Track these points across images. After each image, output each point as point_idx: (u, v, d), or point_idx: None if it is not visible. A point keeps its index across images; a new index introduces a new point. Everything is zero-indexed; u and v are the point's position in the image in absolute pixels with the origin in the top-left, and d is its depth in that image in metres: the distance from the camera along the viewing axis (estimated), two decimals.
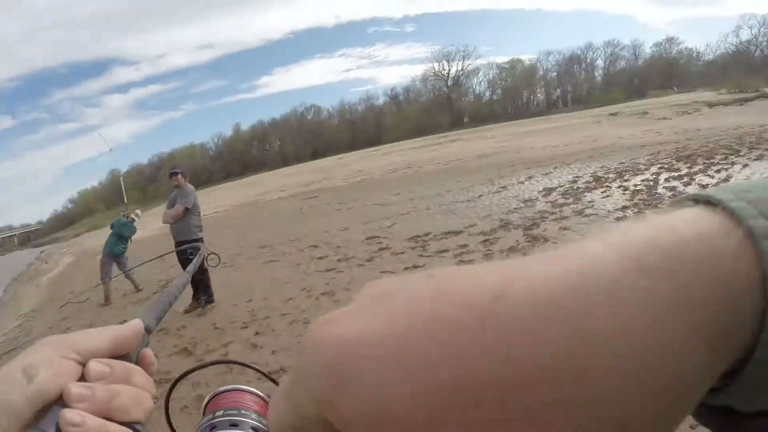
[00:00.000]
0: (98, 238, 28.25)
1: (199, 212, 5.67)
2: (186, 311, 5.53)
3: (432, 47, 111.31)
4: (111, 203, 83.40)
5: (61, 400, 0.29)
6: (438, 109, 75.92)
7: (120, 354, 0.35)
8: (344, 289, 4.97)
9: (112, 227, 7.98)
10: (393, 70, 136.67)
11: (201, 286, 5.49)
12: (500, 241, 5.41)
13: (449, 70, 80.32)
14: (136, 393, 0.33)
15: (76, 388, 0.30)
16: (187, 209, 5.41)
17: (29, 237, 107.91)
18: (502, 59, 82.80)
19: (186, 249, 5.32)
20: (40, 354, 0.31)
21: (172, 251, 5.37)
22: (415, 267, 5.15)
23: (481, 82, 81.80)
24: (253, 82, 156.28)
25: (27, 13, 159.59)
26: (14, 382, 0.29)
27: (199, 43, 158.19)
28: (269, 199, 21.62)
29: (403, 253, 5.94)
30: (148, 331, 0.42)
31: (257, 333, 4.34)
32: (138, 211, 8.43)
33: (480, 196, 8.71)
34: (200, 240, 5.55)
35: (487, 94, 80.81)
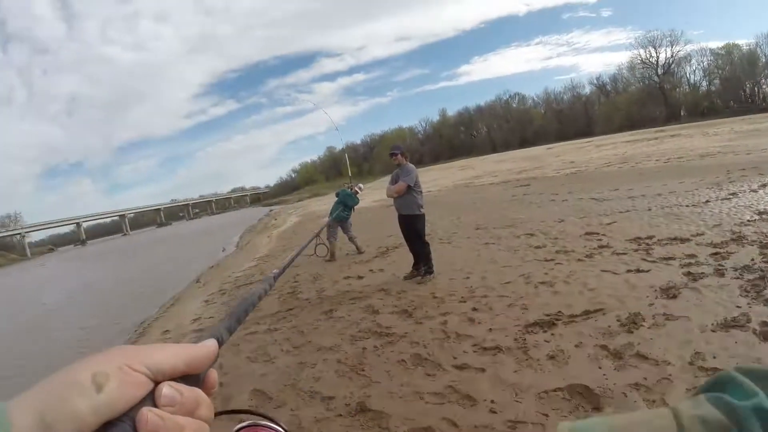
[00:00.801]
0: (319, 204, 32.42)
1: (421, 190, 5.99)
2: (405, 278, 6.01)
3: (633, 32, 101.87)
4: (329, 175, 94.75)
5: (126, 416, 0.28)
6: (650, 99, 66.82)
7: (191, 374, 0.35)
8: (563, 282, 4.78)
9: (337, 196, 9.01)
10: (594, 57, 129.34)
11: (422, 256, 5.90)
12: (733, 257, 4.58)
13: (657, 57, 69.76)
14: (198, 428, 0.32)
15: (152, 415, 0.29)
16: (409, 186, 5.79)
17: (259, 197, 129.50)
18: (715, 44, 68.17)
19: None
20: (111, 362, 0.30)
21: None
22: (639, 271, 4.70)
23: (695, 70, 69.01)
24: (453, 71, 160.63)
25: (235, 17, 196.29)
26: (82, 389, 0.28)
27: (395, 36, 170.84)
28: (481, 183, 21.94)
29: (624, 254, 5.46)
30: (219, 343, 0.42)
31: (474, 309, 4.45)
32: (361, 185, 9.38)
33: (707, 201, 7.49)
34: (422, 216, 5.92)
35: (704, 84, 67.88)
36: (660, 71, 70.04)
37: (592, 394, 2.64)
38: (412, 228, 5.90)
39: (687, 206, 7.41)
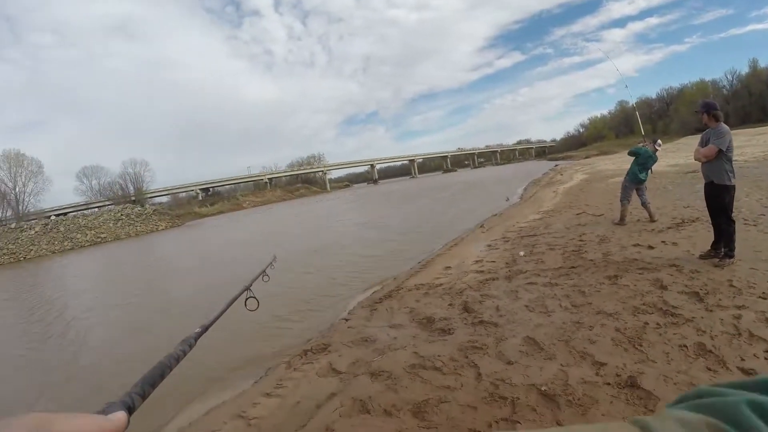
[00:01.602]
0: (607, 163, 29.92)
1: (732, 156, 5.05)
2: (701, 256, 5.29)
3: None
4: (619, 132, 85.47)
5: None
6: None
7: None
8: None
9: (633, 155, 8.21)
10: None
11: (725, 235, 5.08)
12: None
13: None
14: None
15: None
16: (720, 151, 4.95)
17: (544, 151, 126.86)
18: None
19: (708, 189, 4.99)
20: (21, 428, 0.29)
21: None
22: None
23: None
24: (764, 9, 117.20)
25: None
26: None
27: None
28: None
29: None
30: (130, 411, 0.41)
31: None
32: (660, 141, 8.33)
33: None
34: (732, 187, 5.02)
35: None
36: None
37: None
38: (719, 200, 5.05)
39: None
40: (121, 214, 52.03)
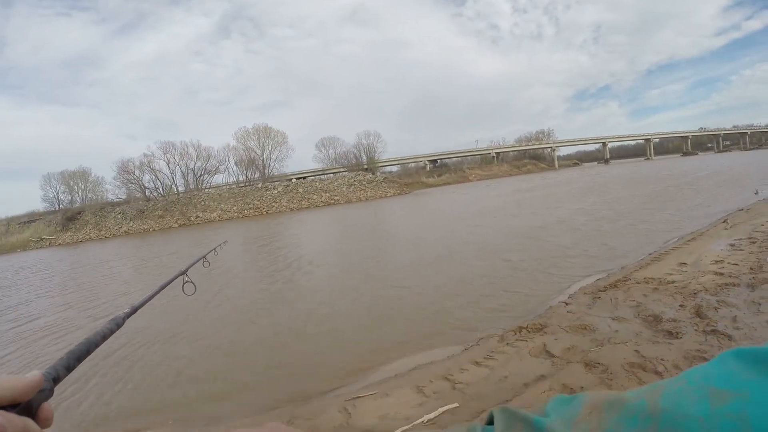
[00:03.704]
0: None
1: None
2: None
3: None
4: None
5: None
6: None
7: (17, 403, 0.37)
8: None
9: None
10: None
11: None
12: None
13: None
14: None
15: None
16: None
17: None
18: None
19: None
20: None
21: None
22: None
23: None
24: None
25: None
26: None
27: None
28: None
29: None
30: (55, 381, 0.43)
31: None
32: None
33: None
34: None
35: None
36: None
37: None
38: None
39: None
40: (354, 180, 58.47)
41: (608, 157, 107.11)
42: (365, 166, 76.09)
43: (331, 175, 69.83)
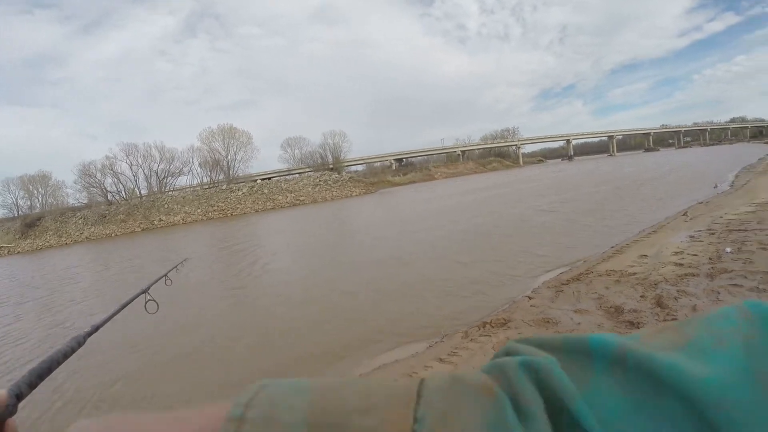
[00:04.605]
0: None
1: None
2: None
3: None
4: None
5: None
6: None
7: None
8: None
9: None
10: None
11: None
12: None
13: None
14: None
15: None
16: None
17: (761, 131, 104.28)
18: None
19: None
20: None
21: None
22: None
23: None
24: None
25: None
26: None
27: None
28: None
29: None
30: (18, 398, 0.43)
31: None
32: None
33: None
34: None
35: None
36: None
37: None
38: None
39: None
40: (320, 180, 58.06)
41: (572, 153, 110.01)
42: (331, 166, 75.74)
43: (297, 175, 69.28)
